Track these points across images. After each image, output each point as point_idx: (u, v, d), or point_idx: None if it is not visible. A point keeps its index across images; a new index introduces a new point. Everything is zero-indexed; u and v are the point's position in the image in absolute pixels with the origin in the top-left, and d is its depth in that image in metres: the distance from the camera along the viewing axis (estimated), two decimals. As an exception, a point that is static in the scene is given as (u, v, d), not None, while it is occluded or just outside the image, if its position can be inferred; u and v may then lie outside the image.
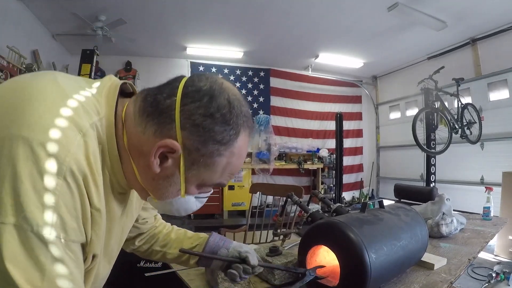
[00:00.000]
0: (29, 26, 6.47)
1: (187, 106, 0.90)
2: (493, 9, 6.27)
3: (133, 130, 0.95)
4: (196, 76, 0.98)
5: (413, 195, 5.35)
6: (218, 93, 0.93)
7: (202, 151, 0.93)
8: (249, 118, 1.00)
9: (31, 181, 0.71)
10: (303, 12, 6.69)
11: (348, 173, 10.81)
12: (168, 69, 9.53)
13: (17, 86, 0.84)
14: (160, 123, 0.91)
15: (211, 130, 0.91)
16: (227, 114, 0.92)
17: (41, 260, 0.71)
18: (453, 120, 6.54)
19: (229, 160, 0.98)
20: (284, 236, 2.27)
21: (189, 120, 0.90)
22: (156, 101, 0.93)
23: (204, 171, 0.97)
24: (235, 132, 0.95)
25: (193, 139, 0.91)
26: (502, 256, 5.49)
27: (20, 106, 0.77)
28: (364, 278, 1.28)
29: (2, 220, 0.69)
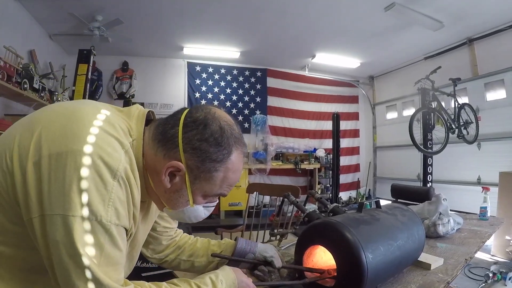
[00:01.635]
0: (26, 26, 6.44)
1: (187, 134, 1.15)
2: (490, 9, 6.28)
3: (149, 152, 1.19)
4: (194, 109, 1.23)
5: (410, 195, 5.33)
6: (211, 122, 1.17)
7: (202, 168, 1.16)
8: (239, 139, 1.24)
9: (94, 183, 0.96)
10: (299, 12, 6.69)
11: (345, 173, 10.81)
12: (165, 69, 9.54)
13: (68, 111, 1.07)
14: (167, 148, 1.16)
15: (206, 151, 1.15)
16: (219, 137, 1.16)
17: (101, 241, 0.97)
18: (450, 120, 6.55)
19: (225, 175, 1.21)
20: (281, 236, 2.27)
21: (189, 145, 1.15)
22: (164, 131, 1.18)
23: (205, 184, 1.20)
24: (227, 152, 1.18)
25: (193, 160, 1.15)
26: (499, 256, 5.49)
27: (76, 129, 1.01)
28: (361, 278, 1.28)
29: (73, 213, 0.93)
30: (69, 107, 1.10)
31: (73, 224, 0.93)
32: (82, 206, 0.94)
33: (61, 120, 1.04)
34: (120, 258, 1.05)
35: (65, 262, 0.93)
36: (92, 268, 0.94)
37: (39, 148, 0.98)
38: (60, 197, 0.94)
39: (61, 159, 0.96)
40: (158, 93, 9.45)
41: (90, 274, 0.94)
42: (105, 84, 9.08)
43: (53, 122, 1.03)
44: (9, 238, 1.05)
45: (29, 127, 1.05)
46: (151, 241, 1.66)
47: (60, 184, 0.94)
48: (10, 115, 5.53)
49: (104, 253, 0.98)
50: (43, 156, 0.97)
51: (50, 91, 6.47)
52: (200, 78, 9.74)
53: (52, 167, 0.95)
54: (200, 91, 9.70)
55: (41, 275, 1.09)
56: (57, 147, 0.97)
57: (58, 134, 0.99)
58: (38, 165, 0.96)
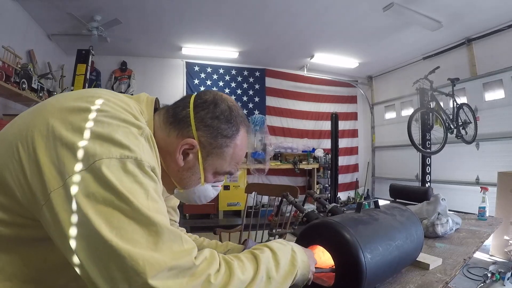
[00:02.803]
0: (24, 26, 6.44)
1: (198, 113, 1.22)
2: (489, 9, 6.28)
3: (160, 135, 1.23)
4: (202, 92, 1.32)
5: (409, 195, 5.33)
6: (220, 102, 1.26)
7: (214, 144, 1.23)
8: (245, 118, 1.32)
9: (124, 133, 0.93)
10: (298, 12, 6.69)
11: (343, 173, 10.82)
12: (163, 69, 9.55)
13: (79, 92, 1.07)
14: (180, 128, 1.22)
15: (218, 128, 1.22)
16: (229, 115, 1.25)
17: (143, 182, 0.90)
18: (448, 120, 6.55)
19: (234, 150, 1.28)
20: (279, 236, 2.27)
21: (201, 123, 1.21)
22: (176, 113, 1.25)
23: (217, 160, 1.26)
24: (236, 129, 1.26)
25: (206, 136, 1.22)
26: (497, 256, 5.50)
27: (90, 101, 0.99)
28: (360, 278, 1.28)
29: (106, 155, 0.86)
30: (78, 91, 1.10)
31: (107, 166, 0.84)
32: (116, 148, 0.88)
33: (72, 98, 1.00)
34: (163, 208, 0.94)
35: (105, 215, 0.81)
36: (142, 210, 0.84)
37: (50, 122, 0.91)
38: (86, 150, 0.85)
39: (78, 115, 0.92)
40: (156, 93, 9.25)
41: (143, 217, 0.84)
42: (104, 84, 9.06)
43: (63, 101, 0.99)
44: None
45: (37, 112, 0.98)
46: None
47: (80, 141, 0.87)
48: (9, 115, 5.52)
49: (150, 196, 0.89)
50: (55, 126, 0.90)
51: (49, 91, 6.47)
52: (198, 78, 9.74)
53: (68, 132, 0.88)
54: (199, 91, 9.63)
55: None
56: (69, 112, 0.94)
57: (69, 106, 0.95)
58: (50, 134, 0.88)
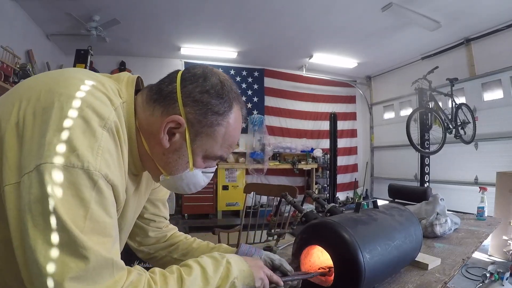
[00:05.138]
0: (23, 26, 6.44)
1: (186, 87, 1.10)
2: (487, 9, 6.29)
3: (143, 115, 1.12)
4: (191, 66, 1.19)
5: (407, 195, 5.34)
6: (210, 75, 1.13)
7: (203, 122, 1.10)
8: (239, 95, 1.19)
9: (81, 129, 0.84)
10: (297, 12, 6.70)
11: (342, 173, 10.83)
12: (162, 69, 9.46)
13: (54, 74, 1.01)
14: (165, 105, 1.09)
15: (208, 103, 1.09)
16: (220, 90, 1.12)
17: (85, 196, 0.81)
18: (447, 120, 6.55)
19: (227, 130, 1.14)
20: (278, 236, 2.27)
21: (189, 98, 1.09)
22: (160, 89, 1.13)
23: (207, 140, 1.13)
24: (228, 105, 1.13)
25: (194, 113, 1.09)
26: (496, 256, 5.50)
27: (65, 85, 0.92)
28: (358, 278, 1.28)
29: (51, 160, 0.78)
30: (54, 72, 1.04)
31: (50, 172, 0.78)
32: (62, 152, 0.80)
33: (48, 82, 0.95)
34: (111, 228, 0.87)
35: (37, 225, 0.76)
36: (72, 231, 0.76)
37: (23, 108, 0.88)
38: (39, 149, 0.80)
39: (47, 113, 0.85)
40: (155, 93, 9.40)
41: (70, 238, 0.76)
42: (103, 84, 9.03)
43: (39, 84, 0.95)
44: None
45: (11, 95, 0.95)
46: (137, 232, 1.52)
47: (42, 136, 0.82)
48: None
49: (90, 214, 0.81)
50: (26, 114, 0.86)
51: (48, 91, 6.46)
52: (197, 78, 9.68)
53: (36, 123, 0.85)
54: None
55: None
56: (43, 103, 0.87)
57: (44, 93, 0.90)
58: (20, 125, 0.86)
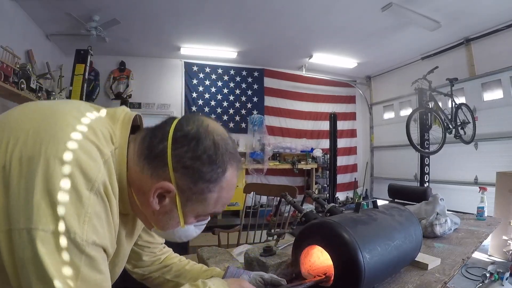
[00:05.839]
0: (23, 26, 6.44)
1: (177, 150, 1.03)
2: (487, 9, 6.29)
3: (134, 168, 1.07)
4: (185, 120, 1.10)
5: (407, 195, 5.36)
6: (204, 136, 1.05)
7: (194, 190, 1.05)
8: (234, 154, 1.12)
9: (68, 194, 0.84)
10: (296, 12, 6.70)
11: (342, 173, 10.83)
12: (162, 69, 9.54)
13: (46, 110, 0.98)
14: (155, 166, 1.04)
15: (200, 171, 1.03)
16: (213, 155, 1.04)
17: (75, 262, 0.84)
18: (447, 120, 6.55)
19: (220, 194, 1.10)
20: (278, 236, 2.27)
21: (179, 163, 1.03)
22: (151, 145, 1.06)
23: (198, 206, 1.09)
24: (222, 170, 1.07)
25: (185, 180, 1.04)
26: (496, 256, 5.50)
27: (53, 131, 0.90)
28: (358, 278, 1.28)
29: (42, 227, 0.81)
30: (46, 106, 1.02)
31: (41, 239, 0.81)
32: (51, 219, 0.82)
33: (37, 120, 0.94)
34: (102, 281, 0.93)
35: (34, 285, 0.82)
36: None
37: (10, 150, 0.87)
38: (27, 209, 0.82)
39: (33, 164, 0.85)
40: (155, 93, 9.45)
41: None
42: (102, 84, 9.07)
43: (28, 122, 0.93)
44: None
45: (0, 128, 0.94)
46: (132, 256, 1.51)
47: (29, 193, 0.83)
48: (7, 115, 5.51)
49: (81, 276, 0.86)
50: (13, 159, 0.86)
51: (47, 91, 6.46)
52: (197, 78, 9.74)
53: (22, 173, 0.85)
54: (197, 91, 9.70)
55: None
56: (30, 150, 0.87)
57: (32, 135, 0.89)
58: (7, 170, 0.86)
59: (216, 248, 1.88)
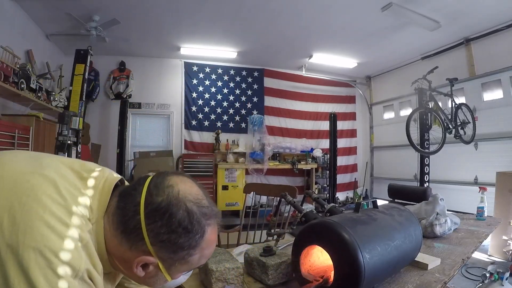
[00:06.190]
0: (23, 26, 6.44)
1: (151, 225, 1.01)
2: (487, 9, 6.29)
3: (112, 240, 1.06)
4: (154, 188, 1.06)
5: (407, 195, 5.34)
6: (176, 208, 1.02)
7: (175, 258, 1.05)
8: (210, 213, 1.09)
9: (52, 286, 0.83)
10: (296, 12, 6.70)
11: (342, 173, 10.83)
12: (162, 69, 9.55)
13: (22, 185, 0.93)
14: (132, 241, 1.03)
15: (177, 243, 1.02)
16: (188, 225, 1.03)
17: None
18: (447, 120, 6.55)
19: (201, 254, 1.10)
20: (278, 236, 2.27)
21: (156, 238, 1.01)
22: (125, 220, 1.03)
23: (182, 267, 1.10)
24: (200, 235, 1.06)
25: (164, 252, 1.03)
26: (496, 256, 5.50)
27: (29, 218, 0.86)
28: (358, 278, 1.28)
29: None
30: (19, 178, 0.95)
31: None
32: None
33: (11, 199, 0.89)
34: None
35: None
36: None
37: None
38: None
39: (12, 254, 0.82)
40: (155, 93, 9.46)
41: None
42: (102, 84, 9.09)
43: (3, 199, 0.89)
44: None
45: None
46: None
47: (8, 285, 0.81)
48: (7, 115, 5.52)
49: None
50: None
51: (47, 91, 6.48)
52: (197, 78, 9.75)
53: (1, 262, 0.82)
54: (197, 91, 9.71)
55: None
56: (8, 238, 0.84)
57: (8, 219, 0.86)
58: None
59: (216, 248, 1.88)
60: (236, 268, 1.63)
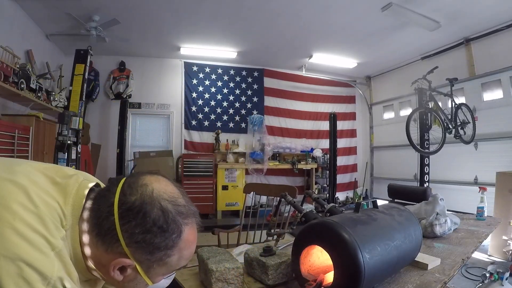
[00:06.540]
0: (23, 26, 6.44)
1: (125, 226, 0.98)
2: (487, 9, 6.29)
3: (88, 244, 1.03)
4: (128, 188, 1.03)
5: (407, 195, 5.35)
6: (149, 207, 0.99)
7: (152, 259, 1.02)
8: (187, 212, 1.07)
9: None
10: (296, 12, 6.70)
11: (342, 173, 10.84)
12: (162, 69, 9.55)
13: None
14: (107, 243, 1.00)
15: (153, 243, 0.99)
16: (163, 224, 1.00)
17: None
18: (447, 120, 6.54)
19: (180, 254, 1.06)
20: (278, 236, 2.27)
21: (131, 239, 0.98)
22: (99, 222, 1.01)
23: (161, 269, 1.06)
24: (177, 235, 1.02)
25: (140, 253, 1.00)
26: (496, 256, 5.50)
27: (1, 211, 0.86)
28: (358, 278, 1.28)
29: None
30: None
31: None
32: None
33: None
34: None
35: None
36: None
37: None
38: None
39: None
40: (155, 93, 9.47)
41: None
42: (102, 84, 9.10)
43: None
44: None
45: None
46: None
47: None
48: (7, 115, 5.52)
49: None
50: None
51: (47, 91, 6.48)
52: (197, 78, 9.75)
53: None
54: (197, 91, 9.71)
55: None
56: None
57: None
58: None
59: (216, 248, 1.88)
60: (236, 268, 1.63)
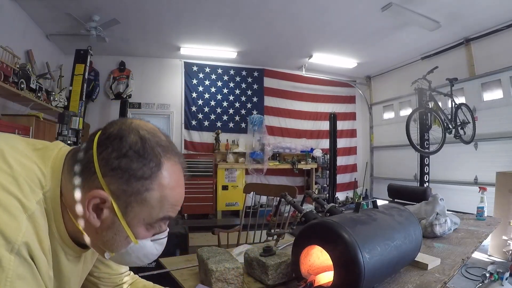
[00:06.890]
0: (23, 26, 6.44)
1: (102, 154, 0.92)
2: (487, 9, 6.30)
3: (68, 193, 0.96)
4: (109, 124, 1.00)
5: (407, 195, 5.35)
6: (127, 133, 0.95)
7: (129, 191, 0.93)
8: (169, 147, 1.01)
9: None
10: (296, 12, 6.70)
11: (342, 173, 10.83)
12: (162, 69, 9.55)
13: None
14: (84, 178, 0.94)
15: (129, 169, 0.92)
16: (140, 149, 0.94)
17: None
18: (446, 120, 6.54)
19: (162, 193, 0.97)
20: (278, 236, 2.27)
21: (107, 166, 0.92)
22: (78, 159, 0.96)
23: (141, 210, 0.96)
24: (155, 164, 0.95)
25: (116, 183, 0.92)
26: (496, 256, 5.50)
27: None
28: (358, 278, 1.28)
29: None
30: None
31: None
32: None
33: None
34: None
35: None
36: None
37: None
38: None
39: None
40: (155, 93, 9.47)
41: None
42: (102, 84, 9.10)
43: None
44: None
45: None
46: (89, 286, 1.38)
47: None
48: (7, 115, 5.52)
49: None
50: None
51: (47, 91, 6.47)
52: (197, 78, 9.75)
53: None
54: (197, 91, 9.71)
55: None
56: None
57: None
58: None
59: (216, 248, 1.88)
60: (236, 268, 1.63)
